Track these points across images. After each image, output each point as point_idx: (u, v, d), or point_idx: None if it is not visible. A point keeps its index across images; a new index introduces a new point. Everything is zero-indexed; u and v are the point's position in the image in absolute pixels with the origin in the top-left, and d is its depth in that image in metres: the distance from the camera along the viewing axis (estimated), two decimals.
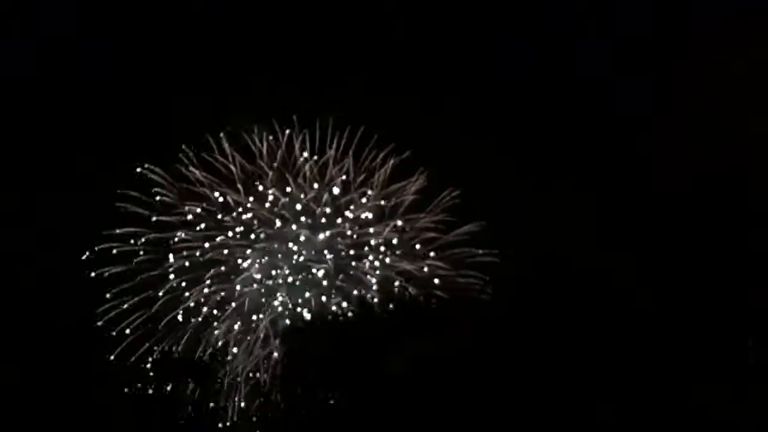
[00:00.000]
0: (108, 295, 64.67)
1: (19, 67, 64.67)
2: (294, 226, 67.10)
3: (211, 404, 53.05)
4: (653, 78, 63.23)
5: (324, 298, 64.55)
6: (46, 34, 66.24)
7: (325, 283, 65.50)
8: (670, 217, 55.45)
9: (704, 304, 46.52)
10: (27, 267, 60.55)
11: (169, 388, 51.06)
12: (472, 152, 63.15)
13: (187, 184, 67.14)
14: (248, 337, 64.26)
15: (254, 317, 65.21)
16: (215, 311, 65.24)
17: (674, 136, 58.21)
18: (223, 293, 66.01)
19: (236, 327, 64.92)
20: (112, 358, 62.51)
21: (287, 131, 66.53)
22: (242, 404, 60.84)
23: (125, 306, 64.34)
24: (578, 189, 60.59)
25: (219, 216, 66.62)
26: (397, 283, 64.42)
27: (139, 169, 66.41)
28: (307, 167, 67.05)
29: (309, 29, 67.96)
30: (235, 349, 64.33)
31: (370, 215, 66.86)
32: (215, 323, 64.89)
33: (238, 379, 61.78)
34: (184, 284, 65.56)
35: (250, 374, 63.33)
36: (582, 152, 62.83)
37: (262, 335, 64.19)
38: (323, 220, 67.02)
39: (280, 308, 65.06)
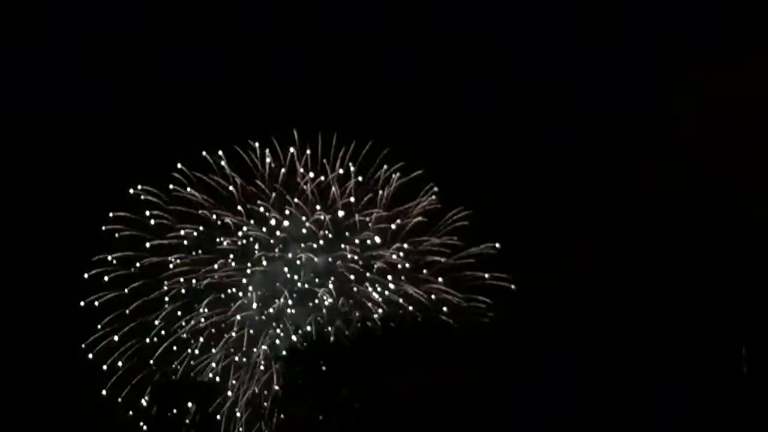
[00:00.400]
0: (99, 326, 62.98)
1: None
2: (293, 250, 65.53)
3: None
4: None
5: (324, 322, 63.04)
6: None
7: (327, 305, 64.00)
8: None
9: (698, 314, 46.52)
10: (16, 296, 60.59)
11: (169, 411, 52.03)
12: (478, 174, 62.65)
13: (184, 205, 65.60)
14: (248, 361, 62.92)
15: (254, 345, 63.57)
16: (212, 341, 63.64)
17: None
18: (220, 322, 64.26)
19: (234, 352, 63.41)
20: (104, 392, 61.85)
21: (290, 150, 65.19)
22: (241, 429, 61.66)
23: (116, 338, 62.68)
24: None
25: (217, 239, 65.13)
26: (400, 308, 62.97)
27: (132, 191, 64.92)
28: (308, 188, 65.63)
29: (311, 42, 68.13)
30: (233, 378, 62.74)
31: (377, 239, 65.31)
32: (213, 350, 63.40)
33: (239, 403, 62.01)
34: (179, 312, 63.90)
35: (250, 398, 61.89)
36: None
37: (262, 359, 62.92)
38: (321, 242, 65.45)
39: (280, 332, 63.63)
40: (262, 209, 65.52)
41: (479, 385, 44.51)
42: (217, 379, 59.03)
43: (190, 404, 52.46)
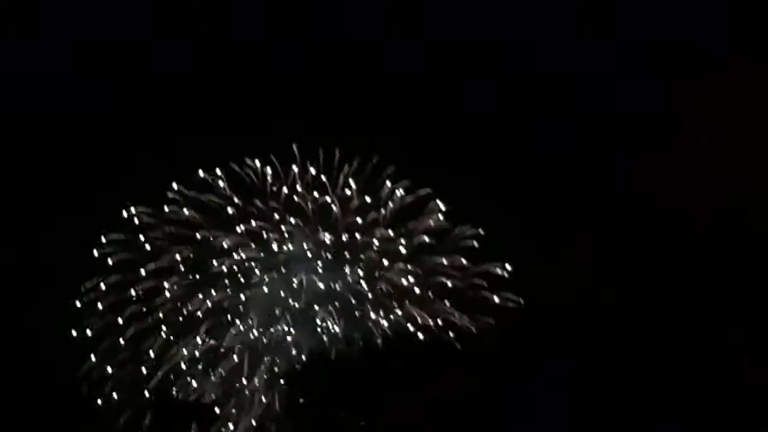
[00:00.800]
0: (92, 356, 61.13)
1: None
2: (293, 272, 63.51)
3: None
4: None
5: (326, 343, 61.13)
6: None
7: (328, 326, 61.98)
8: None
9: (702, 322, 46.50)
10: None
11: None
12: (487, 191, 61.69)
13: (180, 226, 63.56)
14: (248, 384, 61.12)
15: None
16: (210, 369, 61.78)
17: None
18: (218, 348, 62.39)
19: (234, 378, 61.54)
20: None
21: (294, 169, 63.31)
22: None
23: (110, 370, 60.77)
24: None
25: (214, 262, 62.77)
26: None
27: (125, 213, 62.97)
28: (309, 207, 63.78)
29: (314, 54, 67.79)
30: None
31: (385, 261, 63.34)
32: (212, 377, 61.50)
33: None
34: (173, 338, 61.78)
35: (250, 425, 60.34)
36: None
37: (263, 381, 61.02)
38: (321, 264, 63.53)
39: (276, 359, 61.52)
40: (263, 232, 63.72)
41: (481, 393, 44.51)
42: (216, 408, 57.63)
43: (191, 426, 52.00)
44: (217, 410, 56.43)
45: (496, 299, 61.58)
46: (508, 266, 62.07)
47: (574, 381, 43.13)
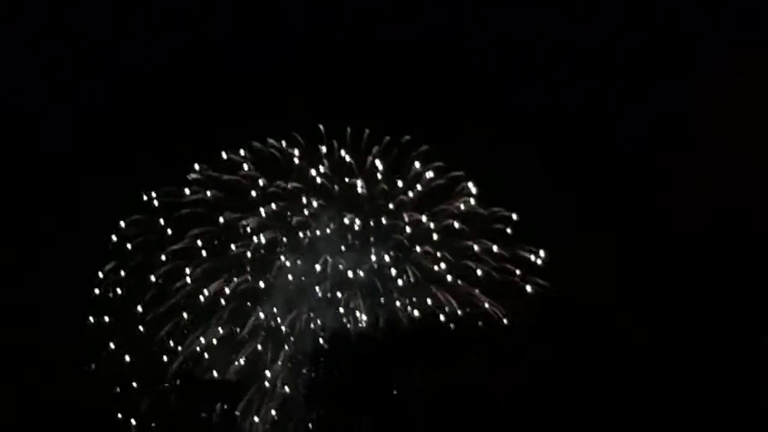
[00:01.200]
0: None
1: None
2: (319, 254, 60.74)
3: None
4: None
5: (351, 324, 58.47)
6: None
7: (351, 306, 59.32)
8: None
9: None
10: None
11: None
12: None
13: (201, 207, 61.31)
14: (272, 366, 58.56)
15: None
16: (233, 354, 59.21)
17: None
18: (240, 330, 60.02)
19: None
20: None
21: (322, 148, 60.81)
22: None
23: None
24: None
25: (234, 246, 60.07)
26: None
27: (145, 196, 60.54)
28: (336, 188, 61.28)
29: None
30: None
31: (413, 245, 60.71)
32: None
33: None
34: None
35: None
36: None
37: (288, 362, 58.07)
38: (347, 246, 60.70)
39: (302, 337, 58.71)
40: (288, 212, 61.40)
41: (505, 385, 43.08)
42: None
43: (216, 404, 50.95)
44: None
45: (528, 288, 59.09)
46: (542, 253, 59.69)
47: (598, 371, 41.58)
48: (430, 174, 60.82)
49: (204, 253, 60.71)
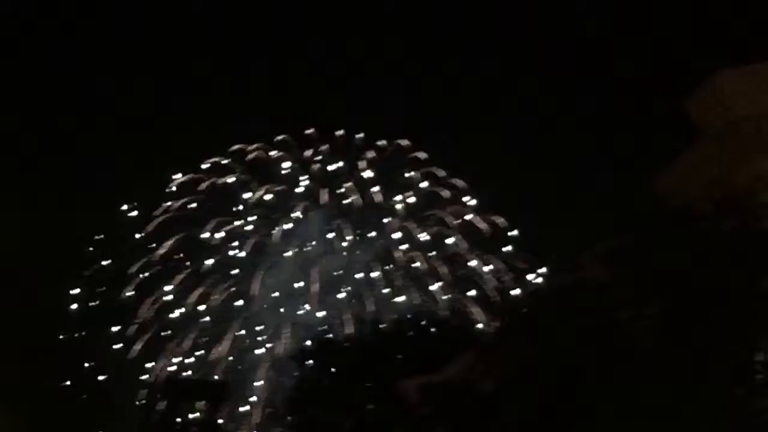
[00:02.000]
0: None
1: None
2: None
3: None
4: None
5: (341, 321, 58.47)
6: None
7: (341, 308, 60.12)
8: None
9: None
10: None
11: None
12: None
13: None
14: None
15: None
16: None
17: None
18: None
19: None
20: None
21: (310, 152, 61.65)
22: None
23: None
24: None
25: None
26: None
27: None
28: (327, 190, 61.84)
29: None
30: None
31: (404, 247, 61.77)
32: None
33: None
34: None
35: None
36: None
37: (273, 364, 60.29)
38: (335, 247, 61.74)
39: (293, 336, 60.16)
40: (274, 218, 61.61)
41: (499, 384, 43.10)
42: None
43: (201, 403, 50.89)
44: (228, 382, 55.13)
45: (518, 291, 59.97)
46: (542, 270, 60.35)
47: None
48: (424, 183, 62.13)
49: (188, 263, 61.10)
